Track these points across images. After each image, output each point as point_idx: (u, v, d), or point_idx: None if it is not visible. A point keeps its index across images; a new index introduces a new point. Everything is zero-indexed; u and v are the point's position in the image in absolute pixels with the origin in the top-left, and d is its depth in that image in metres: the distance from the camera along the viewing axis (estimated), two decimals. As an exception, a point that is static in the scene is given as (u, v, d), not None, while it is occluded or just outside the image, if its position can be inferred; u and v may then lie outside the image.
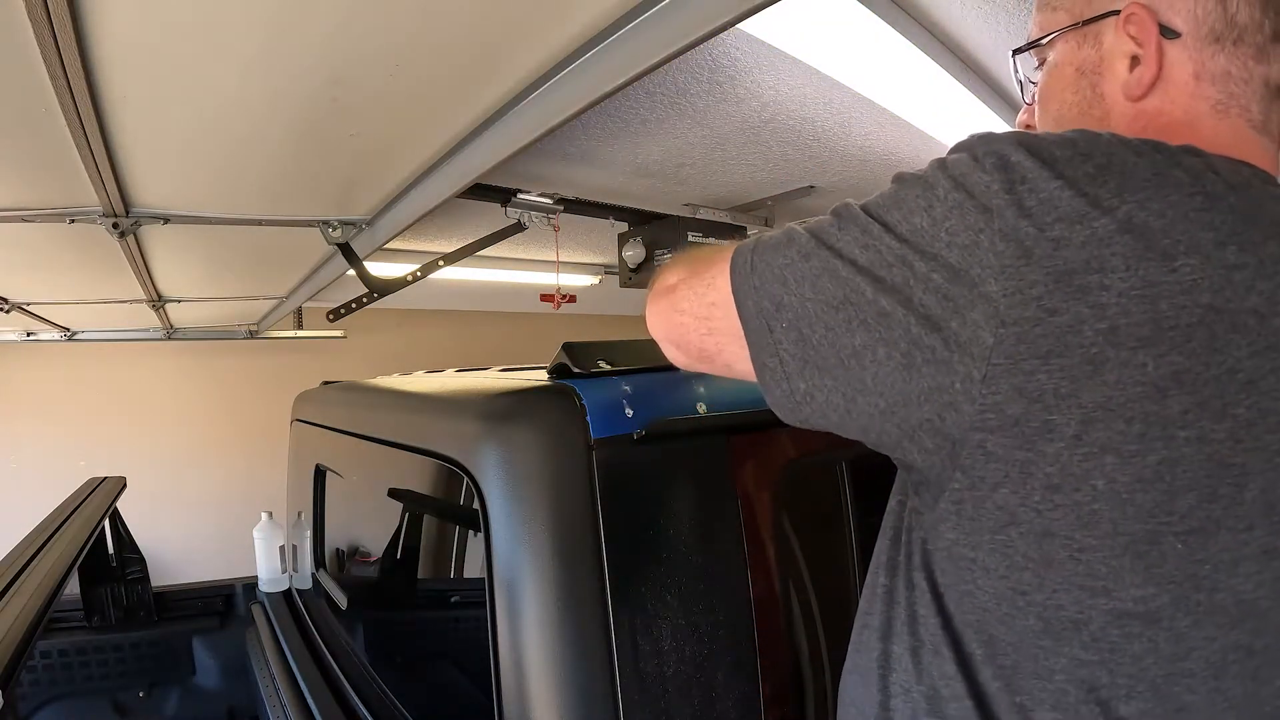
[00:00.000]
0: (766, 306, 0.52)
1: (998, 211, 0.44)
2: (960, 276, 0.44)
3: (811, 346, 0.50)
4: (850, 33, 0.88)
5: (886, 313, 0.47)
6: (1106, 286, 0.42)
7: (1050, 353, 0.42)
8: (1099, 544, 0.43)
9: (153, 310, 2.32)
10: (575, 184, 1.63)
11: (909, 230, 0.47)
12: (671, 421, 0.86)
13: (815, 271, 0.50)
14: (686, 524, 0.86)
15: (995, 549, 0.47)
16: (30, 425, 3.31)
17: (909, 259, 0.46)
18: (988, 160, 0.46)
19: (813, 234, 0.52)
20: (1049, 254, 0.42)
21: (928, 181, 0.48)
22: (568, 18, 0.64)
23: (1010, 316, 0.43)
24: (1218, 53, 0.52)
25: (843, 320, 0.49)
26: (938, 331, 0.45)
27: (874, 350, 0.48)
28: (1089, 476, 0.43)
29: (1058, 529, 0.44)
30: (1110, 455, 0.42)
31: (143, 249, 1.44)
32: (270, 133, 0.87)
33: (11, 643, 0.89)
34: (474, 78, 0.75)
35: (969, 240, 0.44)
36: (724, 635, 0.85)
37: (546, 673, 0.76)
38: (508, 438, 0.82)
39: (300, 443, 1.88)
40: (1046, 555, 0.45)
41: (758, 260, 0.54)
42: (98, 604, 1.90)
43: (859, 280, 0.48)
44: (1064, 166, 0.44)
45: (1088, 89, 0.58)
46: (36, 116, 0.74)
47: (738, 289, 0.55)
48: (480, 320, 4.35)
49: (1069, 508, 0.44)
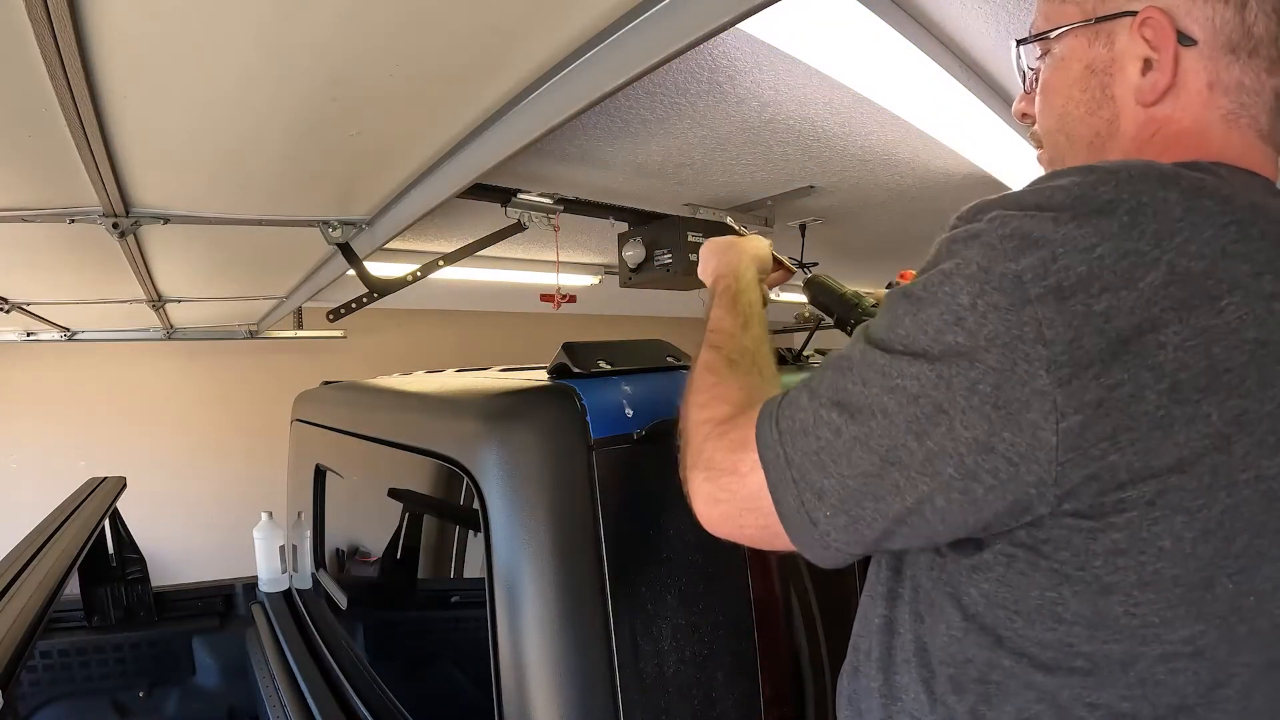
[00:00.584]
0: (808, 499, 0.49)
1: (1038, 300, 0.41)
2: (1007, 379, 0.41)
3: (864, 524, 0.47)
4: (850, 33, 0.88)
5: (934, 455, 0.44)
6: (1162, 345, 0.40)
7: (1118, 429, 0.40)
8: (1156, 598, 0.42)
9: (153, 310, 2.32)
10: (575, 184, 1.63)
11: (942, 350, 0.44)
12: (672, 421, 0.85)
13: (848, 445, 0.47)
14: (686, 524, 0.86)
15: (1043, 605, 0.45)
16: (30, 425, 3.31)
17: (948, 379, 0.43)
18: (1009, 245, 0.43)
19: (837, 403, 0.48)
20: (1100, 328, 0.40)
21: (949, 289, 0.44)
22: (568, 18, 0.64)
23: (1070, 406, 0.40)
24: (1232, 63, 0.51)
25: (890, 487, 0.46)
26: (992, 452, 0.42)
27: (931, 502, 0.45)
28: (1157, 539, 0.41)
29: (1116, 589, 0.43)
30: (1180, 515, 0.41)
31: (143, 249, 1.44)
32: (270, 132, 0.86)
33: (11, 643, 0.89)
34: (474, 78, 0.75)
35: (1011, 338, 0.41)
36: (724, 635, 0.85)
37: (546, 673, 0.76)
38: (508, 438, 0.82)
39: (300, 443, 1.88)
40: (1100, 612, 0.44)
41: (791, 451, 0.50)
42: (98, 604, 1.90)
43: (896, 434, 0.45)
44: (1096, 224, 0.41)
45: (1097, 89, 0.56)
46: (36, 116, 0.74)
47: (774, 486, 0.51)
48: (480, 320, 4.35)
49: (1130, 569, 0.42)
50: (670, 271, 1.84)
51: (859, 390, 0.47)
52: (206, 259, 1.65)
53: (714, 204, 1.86)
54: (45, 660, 1.85)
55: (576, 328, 4.54)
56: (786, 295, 3.44)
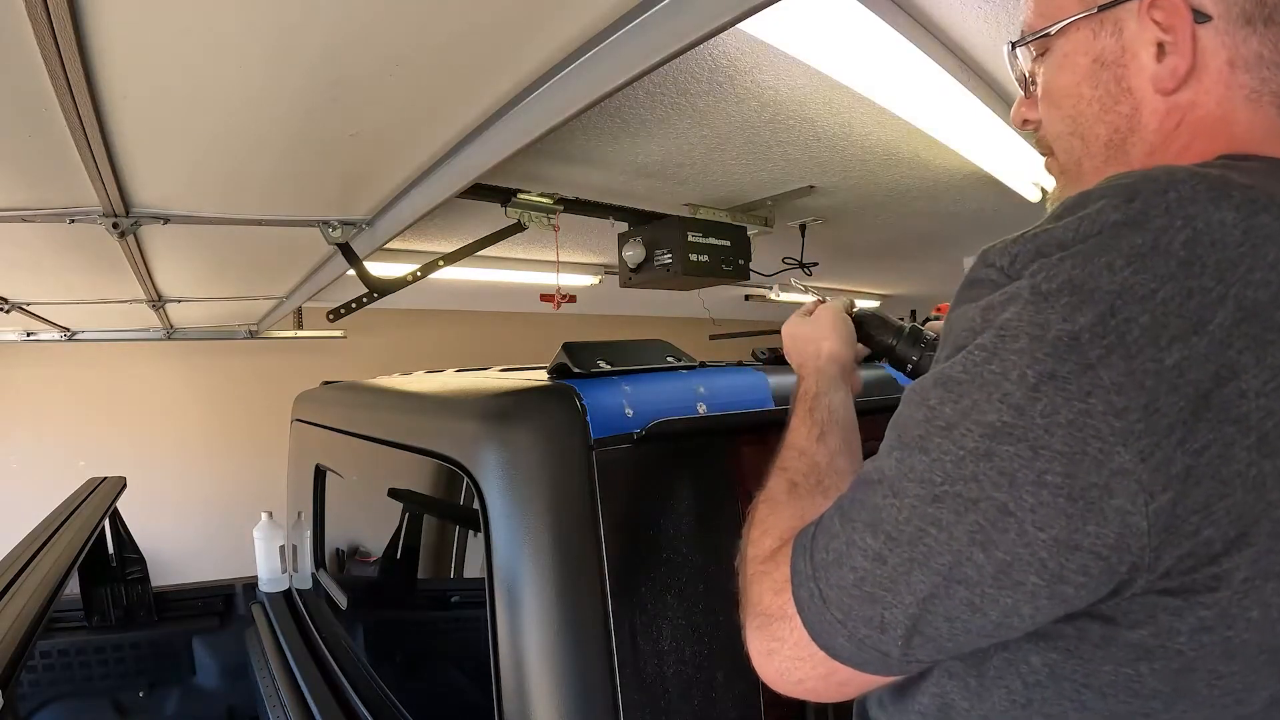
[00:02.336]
0: (867, 634, 0.42)
1: (1100, 363, 0.36)
2: (1078, 463, 0.36)
3: (945, 640, 0.41)
4: (850, 33, 0.88)
5: (1008, 566, 0.38)
6: (1244, 393, 0.35)
7: (1211, 499, 0.35)
8: (1241, 668, 0.38)
9: (153, 310, 2.32)
10: (575, 184, 1.63)
11: (988, 434, 0.38)
12: (671, 421, 0.86)
13: (901, 570, 0.41)
14: (686, 524, 0.86)
15: (1117, 681, 0.40)
16: (30, 425, 3.31)
17: (1010, 474, 0.37)
18: (1060, 301, 0.37)
19: (871, 525, 0.43)
20: (1175, 384, 0.35)
21: (996, 368, 0.39)
22: (568, 18, 0.64)
23: (1158, 483, 0.35)
24: (1250, 36, 0.47)
25: (963, 607, 0.39)
26: (1078, 550, 0.37)
27: (1017, 614, 0.39)
28: (1246, 612, 0.37)
29: (1199, 665, 0.38)
30: (1273, 581, 0.37)
31: (143, 249, 1.44)
32: (270, 132, 0.86)
33: (11, 643, 0.89)
34: (474, 77, 0.75)
35: (1076, 414, 0.36)
36: (724, 635, 0.85)
37: (546, 673, 0.76)
38: (508, 438, 0.82)
39: (300, 443, 1.88)
40: (1180, 687, 0.39)
41: (825, 588, 0.44)
42: (98, 604, 1.90)
43: (958, 549, 0.39)
44: (1153, 264, 0.36)
45: (1110, 82, 0.51)
46: (36, 116, 0.74)
47: (814, 630, 0.45)
48: (480, 320, 4.35)
49: (1217, 644, 0.38)
50: (670, 271, 1.85)
51: (895, 507, 0.41)
52: (206, 259, 1.65)
53: (714, 204, 1.86)
54: (45, 660, 1.86)
55: (576, 328, 4.54)
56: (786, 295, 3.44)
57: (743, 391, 0.99)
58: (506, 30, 0.65)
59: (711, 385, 0.95)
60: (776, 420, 1.02)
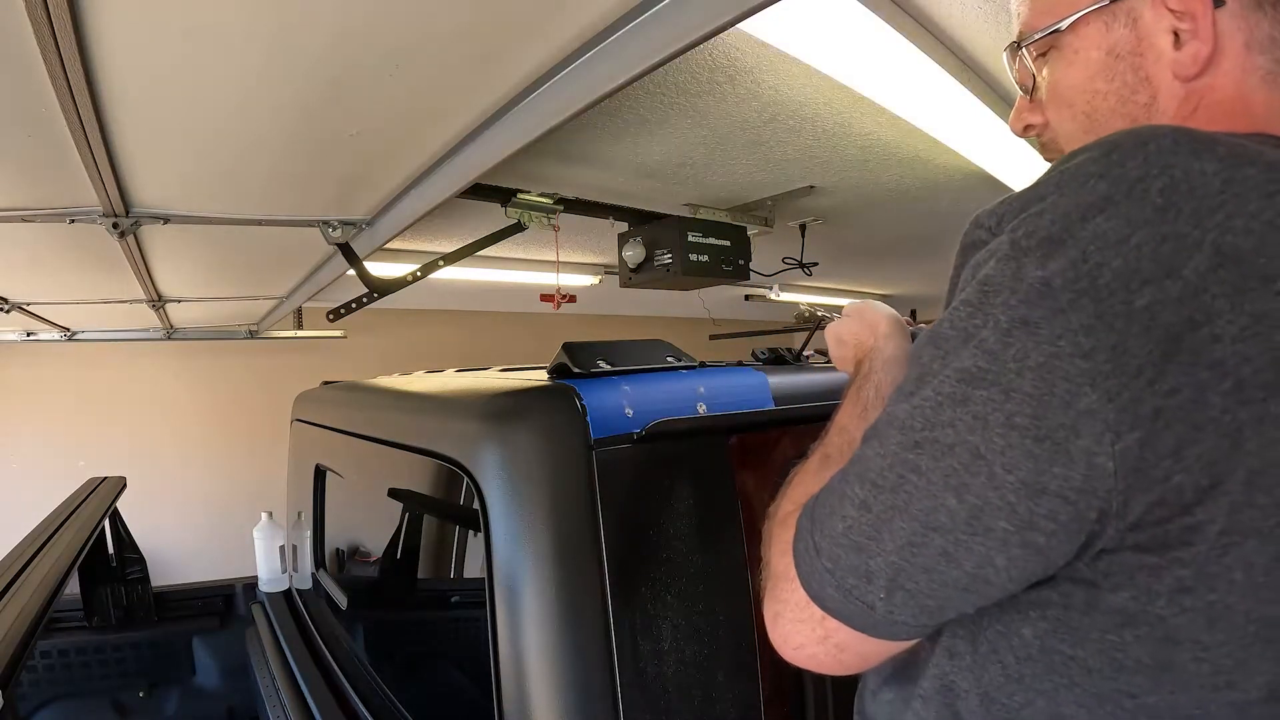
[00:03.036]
0: (852, 584, 0.43)
1: (1071, 306, 0.36)
2: (1046, 404, 0.36)
3: (925, 597, 0.42)
4: (850, 33, 0.88)
5: (979, 510, 0.38)
6: (1218, 337, 0.35)
7: (1181, 444, 0.35)
8: (1227, 639, 0.37)
9: (153, 310, 2.32)
10: (575, 184, 1.63)
11: (965, 379, 0.39)
12: (671, 421, 0.86)
13: (884, 516, 0.42)
14: (686, 524, 0.86)
15: (1103, 650, 0.40)
16: (30, 425, 3.31)
17: (983, 417, 0.38)
18: (1033, 249, 0.38)
19: (860, 475, 0.44)
20: (1146, 326, 0.35)
21: (970, 314, 0.40)
22: (568, 18, 0.64)
23: (1123, 424, 0.35)
24: (1262, 19, 0.47)
25: (938, 556, 0.40)
26: (1044, 493, 0.37)
27: (991, 564, 0.39)
28: (1228, 571, 0.36)
29: (1183, 635, 0.38)
30: (1253, 539, 0.36)
31: (143, 249, 1.44)
32: (270, 132, 0.87)
33: (11, 643, 0.89)
34: (474, 77, 0.75)
35: (1045, 356, 0.37)
36: (724, 635, 0.85)
37: (546, 673, 0.76)
38: (508, 438, 0.82)
39: (300, 443, 1.88)
40: (1164, 660, 0.38)
41: (819, 539, 0.45)
42: (98, 604, 1.90)
43: (934, 493, 0.40)
44: (1126, 210, 0.36)
45: (1127, 73, 0.51)
46: (36, 116, 0.74)
47: (805, 581, 0.46)
48: (480, 320, 4.35)
49: (1199, 610, 0.37)
50: (670, 271, 1.85)
51: (880, 455, 0.43)
52: (206, 259, 1.65)
53: (714, 204, 1.86)
54: (45, 660, 1.86)
55: (576, 328, 4.54)
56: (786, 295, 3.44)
57: (743, 391, 0.99)
58: (506, 30, 0.65)
59: (711, 385, 0.95)
60: (777, 420, 1.03)
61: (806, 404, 1.04)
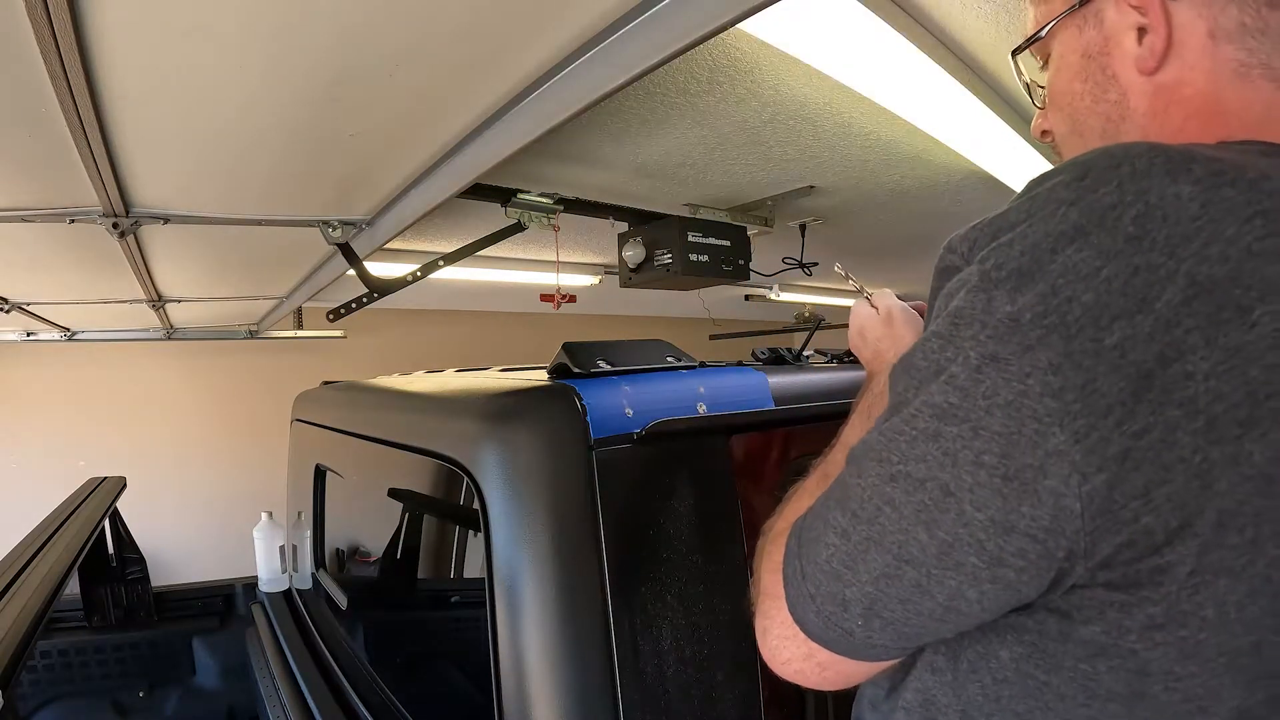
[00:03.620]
0: (831, 611, 0.44)
1: (1040, 344, 0.35)
2: (1015, 443, 0.36)
3: (902, 625, 0.43)
4: (850, 33, 0.88)
5: (949, 546, 0.39)
6: (1190, 375, 0.34)
7: (1150, 486, 0.34)
8: (1199, 670, 0.37)
9: (153, 310, 2.32)
10: (575, 184, 1.63)
11: (937, 415, 0.39)
12: (671, 421, 0.86)
13: (860, 547, 0.42)
14: (686, 524, 0.86)
15: (1076, 678, 0.40)
16: (30, 425, 3.31)
17: (953, 454, 0.38)
18: (1003, 282, 0.37)
19: (841, 503, 0.45)
20: (1116, 364, 0.34)
21: (941, 346, 0.40)
22: (568, 18, 0.64)
23: (1091, 465, 0.35)
24: (1228, 4, 0.46)
25: (912, 588, 0.41)
26: (1013, 531, 0.37)
27: (963, 596, 0.40)
28: (1199, 609, 0.36)
29: (1154, 667, 0.37)
30: (1224, 578, 0.35)
31: (143, 249, 1.44)
32: (270, 132, 0.87)
33: (11, 643, 0.89)
34: (474, 77, 0.75)
35: (1014, 394, 0.36)
36: (724, 635, 0.85)
37: (546, 673, 0.76)
38: (508, 438, 0.82)
39: (300, 443, 1.88)
40: (1137, 690, 0.38)
41: (806, 564, 0.46)
42: (98, 604, 1.90)
43: (906, 527, 0.40)
44: (1098, 241, 0.35)
45: (1097, 72, 0.52)
46: (36, 116, 0.74)
47: (793, 605, 0.47)
48: (480, 320, 4.35)
49: (1171, 645, 0.37)
50: (670, 271, 1.85)
51: (860, 486, 0.43)
52: (206, 259, 1.65)
53: (714, 204, 1.86)
54: (45, 660, 1.86)
55: (576, 328, 4.54)
56: (786, 295, 3.44)
57: (743, 391, 0.99)
58: (507, 30, 0.65)
59: (711, 385, 0.95)
60: (777, 420, 1.03)
61: (806, 404, 1.05)
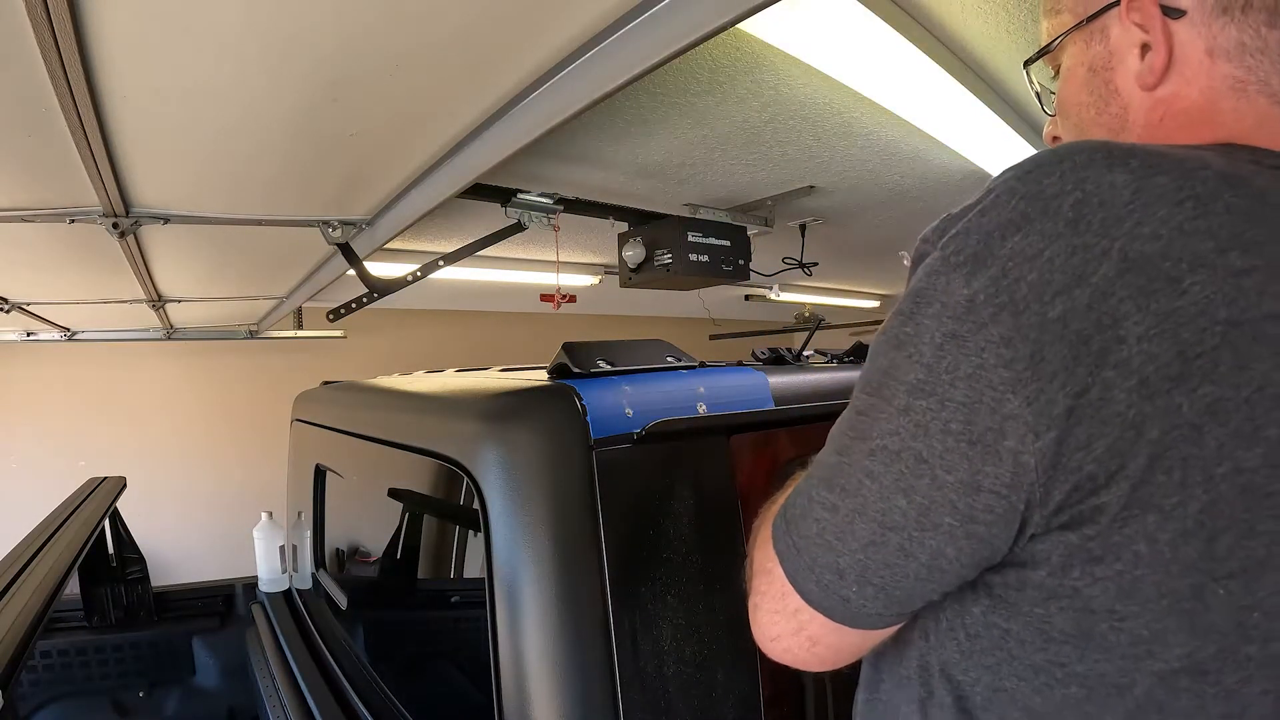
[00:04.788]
0: (828, 579, 0.48)
1: (993, 320, 0.40)
2: (976, 411, 0.40)
3: (892, 588, 0.46)
4: (850, 33, 0.88)
5: (926, 509, 0.43)
6: (1123, 339, 0.38)
7: (1091, 438, 0.38)
8: (1141, 609, 0.40)
9: (153, 310, 2.32)
10: (575, 184, 1.63)
11: (907, 391, 0.43)
12: (671, 421, 0.86)
13: (847, 519, 0.46)
14: (686, 524, 0.86)
15: (1031, 623, 0.44)
16: (30, 425, 3.31)
17: (924, 425, 0.42)
18: (961, 268, 0.41)
19: (826, 480, 0.48)
20: (1058, 335, 0.38)
21: (911, 330, 0.44)
22: (568, 18, 0.64)
23: (1041, 425, 0.39)
24: (1228, 24, 0.48)
25: (896, 552, 0.45)
26: (980, 490, 0.41)
27: (943, 554, 0.44)
28: (1131, 543, 0.39)
29: (1098, 605, 0.41)
30: (1152, 514, 0.39)
31: (143, 249, 1.44)
32: (271, 132, 0.87)
33: (11, 643, 0.89)
34: (474, 77, 0.75)
35: (973, 368, 0.40)
36: (724, 635, 0.85)
37: (546, 673, 0.76)
38: (508, 438, 0.82)
39: (300, 443, 1.88)
40: (1085, 630, 0.42)
41: (798, 539, 0.50)
42: (98, 604, 1.90)
43: (887, 496, 0.44)
44: (1041, 227, 0.40)
45: (1101, 86, 0.55)
46: (36, 116, 0.74)
47: (793, 577, 0.50)
48: (480, 320, 4.35)
49: (1109, 580, 0.40)
50: (670, 271, 1.85)
51: (841, 462, 0.47)
52: (206, 259, 1.65)
53: (714, 204, 1.86)
54: (45, 660, 1.86)
55: (576, 328, 4.55)
56: (786, 295, 3.44)
57: (743, 391, 0.99)
58: (506, 30, 0.65)
59: (711, 385, 0.95)
60: (777, 420, 1.02)
61: (806, 404, 1.05)
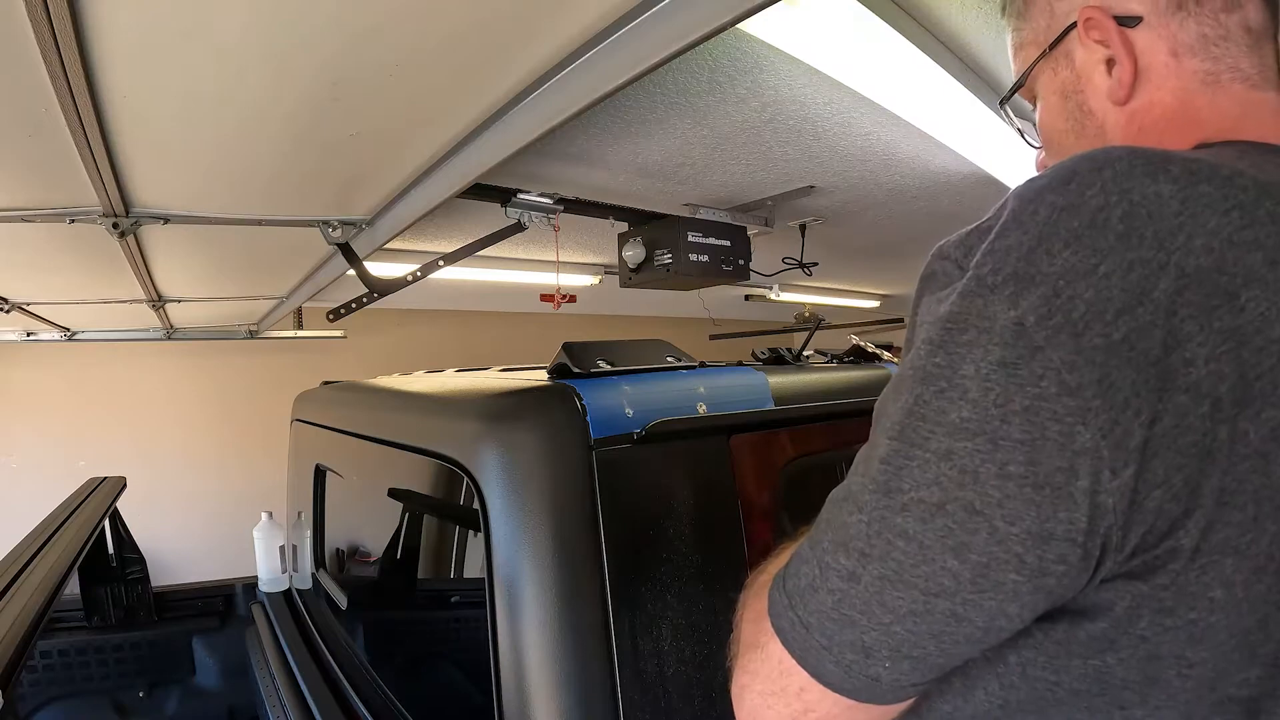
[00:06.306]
0: (852, 659, 0.40)
1: (1049, 344, 0.35)
2: (1040, 449, 0.35)
3: (932, 658, 0.39)
4: (850, 33, 0.88)
5: (985, 567, 0.36)
6: (1190, 360, 0.34)
7: (1169, 471, 0.34)
8: (1210, 654, 0.37)
9: (153, 310, 2.32)
10: (575, 184, 1.63)
11: (947, 432, 0.37)
12: (671, 421, 0.86)
13: (874, 588, 0.39)
14: (686, 524, 0.86)
15: (1087, 674, 0.39)
16: (30, 425, 3.31)
17: (972, 471, 0.36)
18: (1003, 287, 0.36)
19: (842, 544, 0.41)
20: (1126, 358, 0.34)
21: (941, 361, 0.38)
22: (568, 18, 0.64)
23: (1118, 460, 0.34)
24: (1185, 19, 0.47)
25: (946, 619, 0.38)
26: (1052, 539, 0.35)
27: (1004, 614, 0.37)
28: (1207, 590, 0.36)
29: (1165, 652, 0.37)
30: (1230, 557, 0.35)
31: (143, 249, 1.44)
32: (271, 133, 0.87)
33: (11, 643, 0.89)
34: (474, 77, 0.75)
35: (1030, 399, 0.35)
36: (724, 635, 0.85)
37: (546, 673, 0.76)
38: (508, 438, 0.82)
39: (300, 443, 1.88)
40: (1151, 677, 0.38)
41: (804, 614, 0.42)
42: (98, 604, 1.90)
43: (931, 557, 0.37)
44: (1092, 240, 0.35)
45: (1075, 109, 0.54)
46: (36, 116, 0.74)
47: (803, 658, 0.42)
48: (480, 320, 4.35)
49: (1180, 629, 0.36)
50: (670, 271, 1.85)
51: (861, 522, 0.40)
52: (206, 259, 1.65)
53: (714, 204, 1.86)
54: (45, 660, 1.86)
55: (576, 328, 4.55)
56: (786, 295, 3.44)
57: (743, 391, 0.99)
58: (506, 30, 0.65)
59: (711, 385, 0.95)
60: (777, 420, 1.03)
61: (806, 404, 1.05)
